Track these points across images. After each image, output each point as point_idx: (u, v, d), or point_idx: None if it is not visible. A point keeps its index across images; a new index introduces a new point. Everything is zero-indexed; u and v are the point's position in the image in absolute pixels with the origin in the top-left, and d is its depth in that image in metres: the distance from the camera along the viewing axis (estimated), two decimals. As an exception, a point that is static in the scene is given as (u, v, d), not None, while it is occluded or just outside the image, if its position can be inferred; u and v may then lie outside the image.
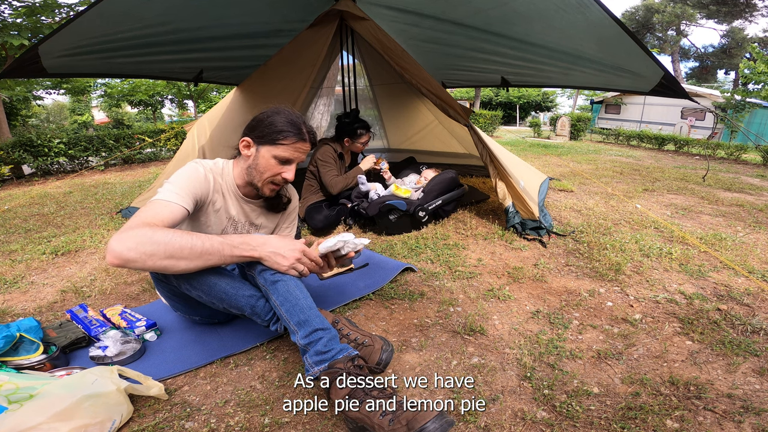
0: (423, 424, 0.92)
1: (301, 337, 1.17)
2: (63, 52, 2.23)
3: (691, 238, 2.52)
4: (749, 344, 1.44)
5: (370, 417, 0.99)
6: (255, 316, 1.31)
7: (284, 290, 1.20)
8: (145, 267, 1.03)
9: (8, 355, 1.25)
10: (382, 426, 0.96)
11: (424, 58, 3.78)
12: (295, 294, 1.21)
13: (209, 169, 1.35)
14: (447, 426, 0.93)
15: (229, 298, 1.26)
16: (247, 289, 1.29)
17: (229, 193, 1.41)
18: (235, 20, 2.70)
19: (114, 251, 0.99)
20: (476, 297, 1.81)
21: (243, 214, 1.47)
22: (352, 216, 2.86)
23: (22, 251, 2.50)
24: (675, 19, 22.14)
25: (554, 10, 2.20)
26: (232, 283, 1.27)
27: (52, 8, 6.02)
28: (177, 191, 1.20)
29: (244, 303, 1.28)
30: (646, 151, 8.94)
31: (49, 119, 22.14)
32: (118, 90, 13.97)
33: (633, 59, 2.28)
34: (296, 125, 1.32)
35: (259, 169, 1.34)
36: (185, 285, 1.24)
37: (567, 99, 26.61)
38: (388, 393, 1.05)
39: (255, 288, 1.32)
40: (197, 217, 1.36)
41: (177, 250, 1.05)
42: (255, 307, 1.29)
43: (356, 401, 1.02)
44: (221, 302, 1.27)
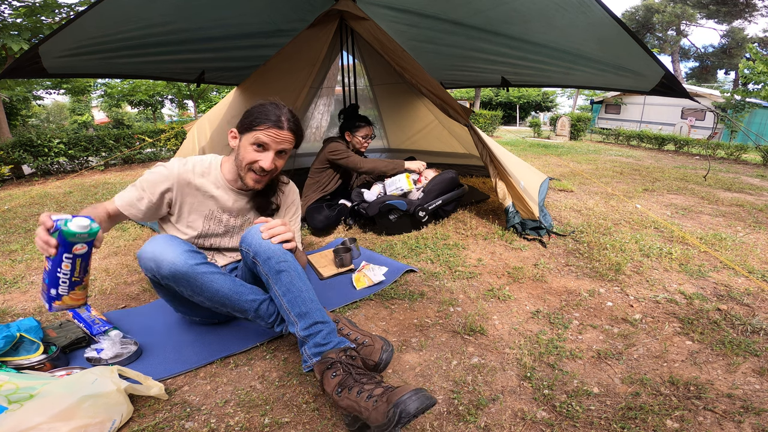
0: (400, 397, 0.93)
1: (300, 328, 1.18)
2: (63, 53, 2.23)
3: (691, 238, 2.52)
4: (749, 344, 1.44)
5: (357, 402, 1.00)
6: (258, 319, 1.32)
7: (287, 281, 1.21)
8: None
9: (8, 355, 1.25)
10: (368, 407, 0.98)
11: (424, 58, 3.78)
12: (297, 285, 1.21)
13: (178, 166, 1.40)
14: (425, 400, 0.94)
15: (232, 303, 1.28)
16: (249, 294, 1.30)
17: (216, 187, 1.44)
18: (235, 20, 2.70)
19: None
20: (476, 297, 1.81)
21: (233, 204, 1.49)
22: (353, 216, 2.86)
23: (22, 251, 2.50)
24: (675, 19, 22.15)
25: (554, 9, 2.20)
26: (235, 288, 1.28)
27: (52, 8, 6.02)
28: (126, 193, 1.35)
29: (248, 307, 1.29)
30: (646, 151, 8.94)
31: (49, 119, 22.16)
32: (118, 90, 13.99)
33: (634, 58, 2.28)
34: (275, 113, 1.34)
35: (239, 157, 1.38)
36: (187, 291, 1.25)
37: (567, 99, 26.63)
38: (377, 380, 1.06)
39: (257, 291, 1.33)
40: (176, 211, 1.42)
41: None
42: (258, 310, 1.30)
43: (347, 389, 1.03)
44: (224, 307, 1.29)
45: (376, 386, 1.02)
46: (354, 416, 1.03)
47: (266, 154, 1.35)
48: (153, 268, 1.20)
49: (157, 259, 1.19)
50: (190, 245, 1.27)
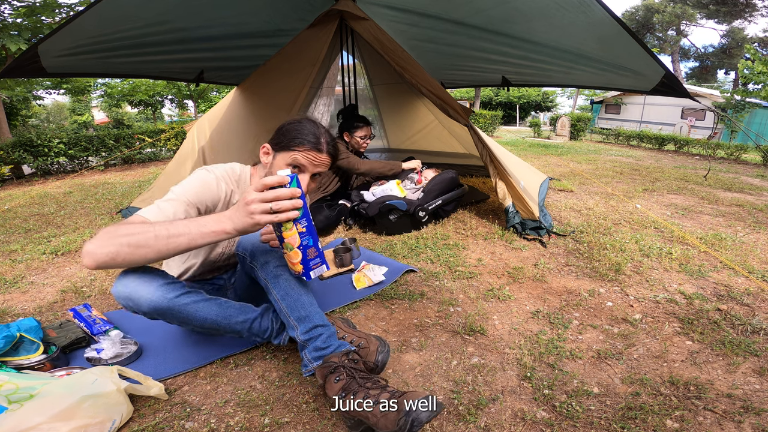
0: (410, 405, 0.93)
1: (301, 332, 1.17)
2: (62, 52, 2.22)
3: (691, 238, 2.52)
4: (749, 344, 1.44)
5: (363, 407, 0.99)
6: (253, 337, 1.31)
7: (286, 285, 1.20)
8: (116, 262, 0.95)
9: (8, 355, 1.25)
10: (375, 414, 0.96)
11: (425, 58, 3.78)
12: (297, 289, 1.20)
13: (221, 177, 1.31)
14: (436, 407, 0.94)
15: (223, 327, 1.23)
16: (239, 315, 1.26)
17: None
18: (235, 20, 2.69)
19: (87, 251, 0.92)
20: (476, 297, 1.81)
21: None
22: (352, 216, 2.86)
23: (22, 251, 2.50)
24: (675, 19, 22.15)
25: (555, 8, 2.20)
26: (222, 312, 1.22)
27: (52, 8, 6.02)
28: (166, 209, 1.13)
29: (240, 328, 1.26)
30: (646, 151, 8.94)
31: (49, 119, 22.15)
32: (118, 90, 13.98)
33: (634, 58, 2.28)
34: (314, 134, 1.26)
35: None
36: (176, 322, 1.19)
37: (567, 99, 26.63)
38: (381, 384, 1.05)
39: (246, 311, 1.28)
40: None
41: (141, 239, 0.95)
42: (251, 329, 1.28)
43: (351, 394, 1.02)
44: (216, 332, 1.26)
45: (382, 391, 1.01)
46: (358, 420, 1.02)
47: (302, 176, 1.25)
48: (132, 306, 1.10)
49: (133, 299, 1.07)
50: (164, 277, 1.14)
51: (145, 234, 0.96)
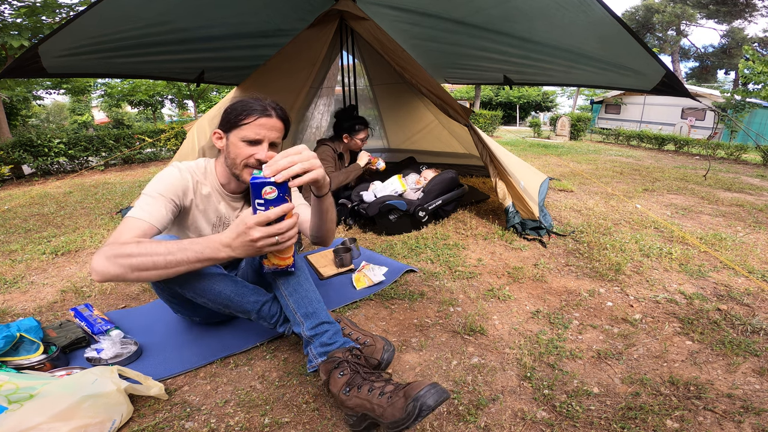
0: (418, 391, 0.93)
1: (307, 328, 1.18)
2: (63, 52, 2.23)
3: (691, 238, 2.52)
4: (749, 344, 1.44)
5: (369, 399, 1.00)
6: (261, 320, 1.31)
7: (293, 281, 1.22)
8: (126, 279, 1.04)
9: (8, 355, 1.25)
10: (381, 404, 0.97)
11: (426, 58, 3.77)
12: (304, 286, 1.23)
13: (184, 168, 1.32)
14: (441, 393, 0.94)
15: (235, 304, 1.26)
16: (251, 295, 1.29)
17: (215, 192, 1.38)
18: (235, 20, 2.69)
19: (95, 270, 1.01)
20: (476, 297, 1.81)
21: (232, 212, 1.43)
22: (352, 216, 2.86)
23: (22, 251, 2.50)
24: (675, 19, 22.14)
25: (555, 8, 2.20)
26: (237, 290, 1.26)
27: (52, 8, 6.02)
28: (148, 207, 1.16)
29: (250, 308, 1.28)
30: (646, 151, 8.94)
31: (49, 119, 22.13)
32: (118, 90, 13.97)
33: (634, 57, 2.28)
34: (259, 104, 1.25)
35: (231, 156, 1.27)
36: (190, 293, 1.22)
37: (567, 99, 26.60)
38: (385, 378, 1.06)
39: (259, 292, 1.31)
40: (184, 219, 1.34)
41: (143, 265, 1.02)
42: (261, 311, 1.29)
43: (356, 388, 1.03)
44: (227, 308, 1.27)
45: (386, 383, 1.02)
46: (361, 416, 1.03)
47: (261, 146, 1.25)
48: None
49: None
50: None
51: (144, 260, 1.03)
